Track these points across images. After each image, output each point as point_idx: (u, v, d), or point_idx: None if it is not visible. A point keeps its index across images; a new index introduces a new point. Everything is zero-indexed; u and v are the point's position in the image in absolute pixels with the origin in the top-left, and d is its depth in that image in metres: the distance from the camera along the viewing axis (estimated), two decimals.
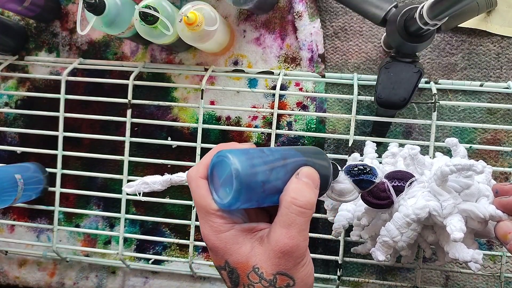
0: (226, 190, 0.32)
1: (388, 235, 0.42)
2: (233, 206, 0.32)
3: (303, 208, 0.33)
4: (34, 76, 0.68)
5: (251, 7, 0.56)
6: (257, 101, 0.64)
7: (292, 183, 0.33)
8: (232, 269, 0.33)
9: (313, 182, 0.34)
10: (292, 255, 0.32)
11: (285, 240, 0.32)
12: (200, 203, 0.34)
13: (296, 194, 0.33)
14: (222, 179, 0.33)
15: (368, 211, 0.46)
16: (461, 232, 0.38)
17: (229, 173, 0.32)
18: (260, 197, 0.33)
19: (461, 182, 0.41)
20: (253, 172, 0.32)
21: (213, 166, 0.34)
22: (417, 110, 0.61)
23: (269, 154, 0.34)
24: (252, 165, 0.32)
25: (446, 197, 0.40)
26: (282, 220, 0.32)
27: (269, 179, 0.33)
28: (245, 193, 0.32)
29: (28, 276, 0.70)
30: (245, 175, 0.31)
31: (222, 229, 0.33)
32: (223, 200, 0.33)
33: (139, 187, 0.43)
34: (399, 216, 0.41)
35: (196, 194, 0.34)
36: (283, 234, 0.32)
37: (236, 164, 0.31)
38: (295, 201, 0.32)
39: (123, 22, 0.56)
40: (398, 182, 0.42)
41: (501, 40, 0.59)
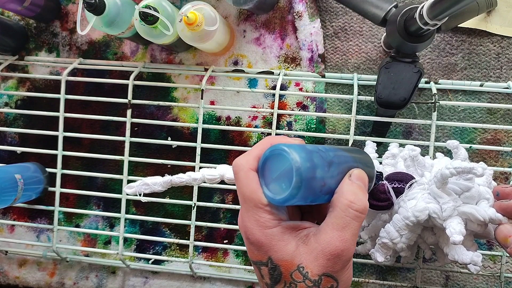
0: (282, 186, 0.31)
1: (387, 236, 0.42)
2: (287, 202, 0.31)
3: (359, 212, 0.32)
4: (34, 76, 0.68)
5: (251, 7, 0.56)
6: (257, 101, 0.64)
7: (346, 185, 0.33)
8: (275, 266, 0.32)
9: (364, 185, 0.34)
10: (341, 258, 0.32)
11: (337, 243, 0.31)
12: (248, 195, 0.33)
13: (352, 198, 0.32)
14: (277, 174, 0.32)
15: (368, 212, 0.46)
16: (460, 235, 0.38)
17: (287, 168, 0.31)
18: (315, 195, 0.32)
19: (461, 184, 0.41)
20: (312, 169, 0.31)
21: (267, 159, 0.33)
22: (417, 110, 0.61)
23: (324, 153, 0.33)
24: (311, 162, 0.31)
25: (446, 200, 0.40)
26: (336, 223, 0.32)
27: (324, 178, 0.32)
28: (303, 190, 0.31)
29: (28, 276, 0.70)
30: (305, 172, 0.30)
31: (269, 225, 0.32)
32: (276, 196, 0.32)
33: (139, 188, 0.43)
34: (399, 218, 0.41)
35: (244, 185, 0.33)
36: (335, 237, 0.32)
37: (297, 160, 0.30)
38: (352, 205, 0.32)
39: (123, 22, 0.56)
40: (398, 183, 0.42)
41: (501, 40, 0.59)
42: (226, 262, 0.65)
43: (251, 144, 0.64)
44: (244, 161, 0.34)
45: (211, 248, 0.65)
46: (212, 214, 0.64)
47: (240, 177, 0.33)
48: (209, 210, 0.64)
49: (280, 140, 0.35)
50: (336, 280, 0.32)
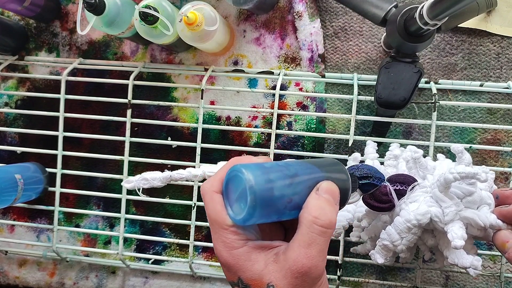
0: (241, 206, 0.31)
1: (388, 239, 0.41)
2: (247, 221, 0.31)
3: (325, 228, 0.31)
4: (34, 76, 0.68)
5: (251, 7, 0.56)
6: (257, 101, 0.64)
7: (312, 200, 0.32)
8: (245, 285, 0.32)
9: (333, 198, 0.33)
10: (310, 276, 0.31)
11: (303, 260, 0.31)
12: (214, 217, 0.33)
13: (317, 213, 0.31)
14: (237, 194, 0.32)
15: (369, 213, 0.46)
16: (462, 240, 0.38)
17: (243, 188, 0.31)
18: (277, 212, 0.32)
19: (464, 189, 0.41)
20: (269, 187, 0.31)
21: (228, 181, 0.33)
22: (417, 110, 0.61)
23: (285, 168, 0.33)
24: (267, 180, 0.31)
25: (448, 204, 0.40)
26: (302, 240, 0.31)
27: (286, 194, 0.32)
28: (260, 209, 0.31)
29: (28, 276, 0.70)
30: (260, 190, 0.30)
31: (235, 245, 0.32)
32: (238, 216, 0.32)
33: (138, 183, 0.42)
34: (400, 221, 0.41)
35: (210, 208, 0.33)
36: (302, 254, 0.31)
37: (251, 179, 0.30)
38: (316, 221, 0.31)
39: (123, 22, 0.56)
40: (400, 185, 0.42)
41: (501, 40, 0.59)
42: None
43: (251, 144, 0.64)
44: (209, 185, 0.34)
45: (211, 248, 0.65)
46: None
47: (206, 200, 0.34)
48: None
49: (243, 160, 0.35)
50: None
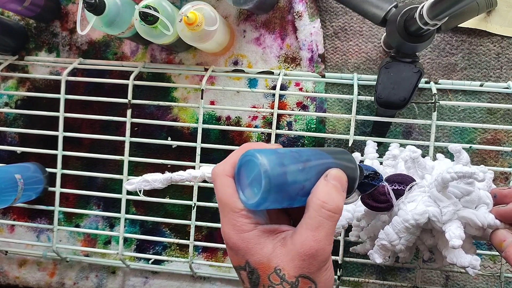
0: (254, 190, 0.32)
1: (386, 238, 0.41)
2: (260, 206, 0.32)
3: (332, 212, 0.32)
4: (34, 76, 0.68)
5: (251, 7, 0.56)
6: (257, 101, 0.64)
7: (321, 185, 0.33)
8: (252, 270, 0.33)
9: (341, 185, 0.34)
10: (316, 259, 0.32)
11: (311, 243, 0.31)
12: (225, 201, 0.33)
13: (326, 198, 0.32)
14: (250, 179, 0.32)
15: (368, 213, 0.46)
16: (459, 240, 0.38)
17: (257, 173, 0.31)
18: (289, 198, 0.32)
19: (462, 188, 0.41)
20: (283, 172, 0.31)
21: (241, 165, 0.33)
22: (417, 110, 0.61)
23: (297, 155, 0.33)
24: (281, 165, 0.31)
25: (446, 203, 0.40)
26: (310, 223, 0.32)
27: (299, 180, 0.32)
28: (274, 193, 0.31)
29: (28, 276, 0.70)
30: (274, 175, 0.31)
31: (246, 229, 0.33)
32: (250, 200, 0.32)
33: (139, 185, 0.43)
34: (398, 221, 0.41)
35: (221, 192, 0.34)
36: (309, 237, 0.32)
37: (265, 164, 0.31)
38: (324, 205, 0.32)
39: (123, 22, 0.56)
40: (398, 185, 0.42)
41: (501, 40, 0.59)
42: (226, 262, 0.65)
43: None
44: (221, 169, 0.34)
45: (211, 248, 0.65)
46: (212, 214, 0.64)
47: (217, 183, 0.34)
48: (209, 210, 0.64)
49: (256, 146, 0.35)
50: (313, 281, 0.32)
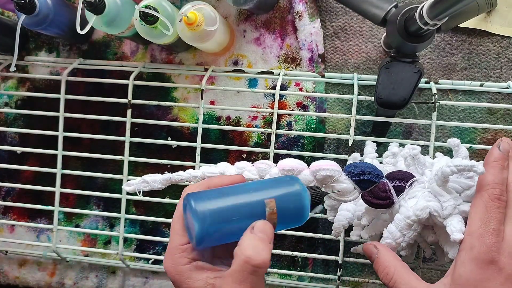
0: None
1: (390, 237, 0.42)
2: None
3: (258, 268, 0.32)
4: (34, 76, 0.68)
5: (251, 7, 0.56)
6: (257, 101, 0.64)
7: (246, 237, 0.34)
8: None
9: (267, 236, 0.34)
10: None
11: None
12: (173, 233, 0.37)
13: (251, 252, 0.32)
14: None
15: (369, 211, 0.46)
16: (461, 233, 0.38)
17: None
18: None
19: (462, 182, 0.41)
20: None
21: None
22: (417, 110, 0.61)
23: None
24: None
25: (446, 198, 0.40)
26: (235, 276, 0.33)
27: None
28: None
29: (28, 276, 0.70)
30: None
31: (181, 262, 0.35)
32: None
33: (139, 186, 0.43)
34: (400, 218, 0.41)
35: (173, 222, 0.37)
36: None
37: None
38: (250, 260, 0.32)
39: (123, 22, 0.56)
40: (398, 182, 0.42)
41: (501, 40, 0.59)
42: None
43: (251, 144, 0.64)
44: (182, 200, 0.37)
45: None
46: None
47: (175, 213, 0.38)
48: None
49: (216, 181, 0.39)
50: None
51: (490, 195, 0.37)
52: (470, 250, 0.36)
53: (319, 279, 0.61)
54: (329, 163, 0.41)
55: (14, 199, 0.70)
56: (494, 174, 0.38)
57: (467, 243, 0.37)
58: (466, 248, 0.37)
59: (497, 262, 0.35)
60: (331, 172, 0.40)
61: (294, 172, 0.41)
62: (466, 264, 0.36)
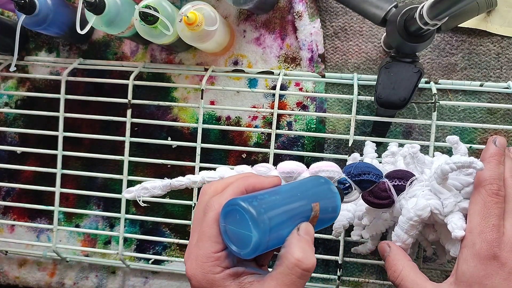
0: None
1: (399, 240, 0.42)
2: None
3: (307, 271, 0.32)
4: (34, 76, 0.68)
5: (251, 7, 0.56)
6: (257, 101, 0.64)
7: (295, 241, 0.32)
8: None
9: (312, 239, 0.33)
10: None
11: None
12: (205, 239, 0.33)
13: (301, 255, 0.31)
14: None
15: (369, 211, 0.46)
16: (462, 230, 0.38)
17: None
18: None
19: (461, 179, 0.41)
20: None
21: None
22: (417, 110, 0.61)
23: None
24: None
25: (447, 196, 0.40)
26: (282, 280, 0.31)
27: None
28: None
29: (28, 276, 0.70)
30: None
31: (213, 271, 0.32)
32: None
33: (138, 193, 0.43)
34: (403, 220, 0.41)
35: (207, 227, 0.33)
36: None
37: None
38: (300, 264, 0.31)
39: (123, 22, 0.56)
40: (398, 181, 0.42)
41: (501, 40, 0.59)
42: None
43: (251, 144, 0.64)
44: (218, 204, 0.33)
45: None
46: None
47: (209, 218, 0.33)
48: None
49: (252, 181, 0.35)
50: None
51: (488, 190, 0.38)
52: (472, 247, 0.37)
53: (319, 279, 0.61)
54: (328, 164, 0.41)
55: (14, 199, 0.70)
56: (491, 169, 0.38)
57: (468, 240, 0.37)
58: (467, 245, 0.37)
59: (499, 257, 0.35)
60: (331, 173, 0.40)
61: (294, 174, 0.41)
62: (468, 261, 0.36)
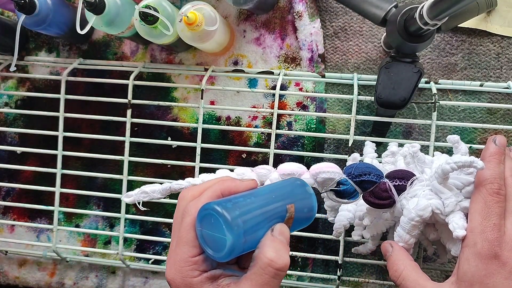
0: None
1: (401, 240, 0.42)
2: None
3: (280, 271, 0.32)
4: (34, 76, 0.68)
5: (251, 7, 0.56)
6: (257, 101, 0.64)
7: (268, 241, 0.33)
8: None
9: (286, 239, 0.34)
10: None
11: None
12: (183, 243, 0.33)
13: (273, 255, 0.32)
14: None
15: (370, 211, 0.46)
16: (463, 230, 0.38)
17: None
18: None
19: (462, 179, 0.41)
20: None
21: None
22: (417, 110, 0.61)
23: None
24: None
25: (448, 195, 0.40)
26: (255, 279, 0.32)
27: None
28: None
29: (28, 276, 0.70)
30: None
31: (191, 275, 0.33)
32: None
33: (138, 197, 0.43)
34: (405, 221, 0.41)
35: (184, 231, 0.34)
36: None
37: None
38: (272, 263, 0.32)
39: (123, 22, 0.56)
40: (399, 181, 0.42)
41: (501, 40, 0.59)
42: None
43: (251, 144, 0.64)
44: (195, 208, 0.34)
45: None
46: None
47: (185, 223, 0.34)
48: None
49: (230, 187, 0.35)
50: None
51: (488, 190, 0.38)
52: (473, 247, 0.37)
53: (319, 279, 0.62)
54: (329, 165, 0.41)
55: (14, 199, 0.70)
56: (491, 168, 0.38)
57: (470, 239, 0.37)
58: (468, 244, 0.37)
59: (500, 257, 0.35)
60: (331, 174, 0.40)
61: (294, 176, 0.41)
62: (470, 261, 0.36)
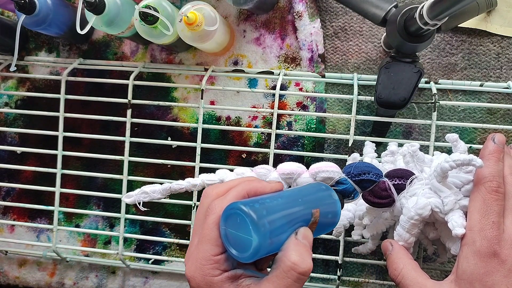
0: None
1: (401, 239, 0.42)
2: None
3: (303, 275, 0.32)
4: (34, 76, 0.68)
5: (251, 7, 0.56)
6: (257, 101, 0.64)
7: (292, 244, 0.33)
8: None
9: (310, 244, 0.34)
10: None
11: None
12: (205, 242, 0.33)
13: (297, 259, 0.32)
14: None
15: (370, 210, 0.46)
16: (462, 228, 0.38)
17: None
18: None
19: (461, 177, 0.41)
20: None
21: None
22: (417, 110, 0.61)
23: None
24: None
25: (447, 193, 0.40)
26: (277, 282, 0.32)
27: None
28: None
29: (28, 276, 0.70)
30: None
31: (212, 273, 0.33)
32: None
33: (138, 197, 0.43)
34: (405, 220, 0.41)
35: (208, 230, 0.33)
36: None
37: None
38: (295, 267, 0.31)
39: (123, 22, 0.56)
40: (398, 180, 0.42)
41: (501, 40, 0.59)
42: None
43: (251, 144, 0.64)
44: (219, 207, 0.33)
45: None
46: None
47: (209, 220, 0.34)
48: None
49: (254, 185, 0.35)
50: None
51: (487, 188, 0.38)
52: (472, 245, 0.37)
53: (319, 279, 0.61)
54: (328, 164, 0.41)
55: (14, 199, 0.70)
56: (490, 166, 0.38)
57: (469, 238, 0.37)
58: (468, 243, 0.37)
59: (499, 255, 0.35)
60: (331, 173, 0.40)
61: (294, 175, 0.41)
62: (469, 259, 0.36)
